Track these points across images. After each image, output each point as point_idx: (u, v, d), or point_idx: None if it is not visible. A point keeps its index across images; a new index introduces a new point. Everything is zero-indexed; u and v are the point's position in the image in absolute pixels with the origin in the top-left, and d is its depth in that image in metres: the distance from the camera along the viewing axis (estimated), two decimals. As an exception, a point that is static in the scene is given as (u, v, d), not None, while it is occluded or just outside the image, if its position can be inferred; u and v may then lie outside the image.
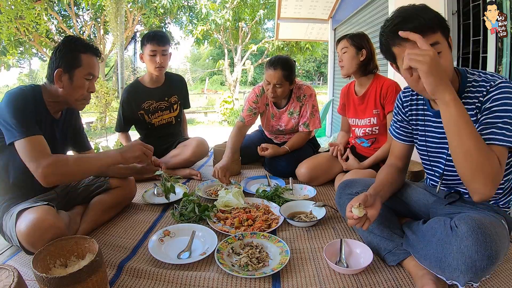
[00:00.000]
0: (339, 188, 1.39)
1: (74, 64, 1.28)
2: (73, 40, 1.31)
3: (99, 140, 5.52)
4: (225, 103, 10.70)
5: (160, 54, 2.08)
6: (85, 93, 1.34)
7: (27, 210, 1.13)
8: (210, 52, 23.58)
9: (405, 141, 1.30)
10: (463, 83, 1.04)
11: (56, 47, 1.30)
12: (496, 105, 0.95)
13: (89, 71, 1.31)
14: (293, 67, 2.03)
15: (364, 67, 1.82)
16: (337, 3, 5.49)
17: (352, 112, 1.96)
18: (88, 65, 1.31)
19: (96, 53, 1.35)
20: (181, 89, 2.36)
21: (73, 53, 1.28)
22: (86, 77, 1.31)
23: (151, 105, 2.21)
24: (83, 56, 1.29)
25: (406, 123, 1.27)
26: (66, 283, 0.86)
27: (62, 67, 1.27)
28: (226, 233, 1.36)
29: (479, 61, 2.11)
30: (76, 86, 1.30)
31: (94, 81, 1.36)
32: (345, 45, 1.81)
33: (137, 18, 10.91)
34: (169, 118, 2.29)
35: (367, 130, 1.89)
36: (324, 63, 23.84)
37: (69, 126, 1.47)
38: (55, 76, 1.26)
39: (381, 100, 1.80)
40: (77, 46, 1.29)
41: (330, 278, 1.09)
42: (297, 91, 2.16)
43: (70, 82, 1.29)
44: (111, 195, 1.53)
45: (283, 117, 2.23)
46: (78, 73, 1.29)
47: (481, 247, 0.84)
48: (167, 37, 2.15)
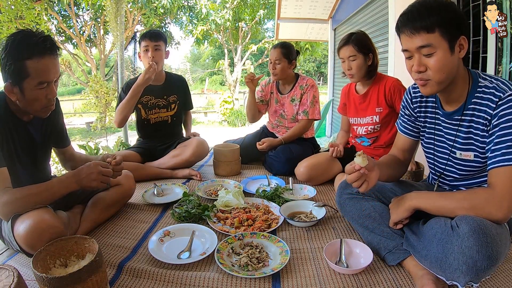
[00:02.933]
0: (339, 188, 1.39)
1: (21, 75, 1.10)
2: (14, 44, 1.09)
3: (99, 140, 5.52)
4: (225, 103, 10.70)
5: (152, 49, 2.13)
6: (44, 101, 1.18)
7: (25, 213, 1.11)
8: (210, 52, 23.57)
9: (410, 135, 1.31)
10: (474, 87, 1.04)
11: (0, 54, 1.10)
12: (505, 120, 0.95)
13: (40, 79, 1.12)
14: (292, 48, 2.31)
15: (370, 70, 1.83)
16: (337, 3, 5.49)
17: (353, 111, 1.97)
18: (37, 72, 1.10)
19: (45, 53, 1.12)
20: (181, 90, 2.38)
21: (17, 63, 1.08)
22: (39, 87, 1.13)
23: (150, 101, 2.25)
24: (28, 63, 1.09)
25: (414, 118, 1.28)
26: (66, 283, 0.86)
27: (9, 80, 1.11)
28: (226, 233, 1.36)
29: (479, 61, 2.11)
30: (30, 99, 1.14)
31: (52, 85, 1.17)
32: (353, 53, 1.78)
33: (137, 18, 10.90)
34: (166, 116, 2.31)
35: (369, 128, 1.90)
36: (324, 63, 23.83)
37: (47, 124, 1.37)
38: (5, 91, 1.13)
39: (387, 99, 1.81)
40: (19, 52, 1.08)
41: (330, 278, 1.09)
42: (301, 81, 2.34)
43: (22, 95, 1.13)
44: (110, 193, 1.52)
45: (286, 104, 2.38)
46: (27, 85, 1.11)
47: (482, 247, 0.84)
48: (160, 34, 2.19)
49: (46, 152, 1.42)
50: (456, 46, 0.97)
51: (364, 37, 1.81)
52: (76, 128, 10.24)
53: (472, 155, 1.08)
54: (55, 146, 1.50)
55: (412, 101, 1.26)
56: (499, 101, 0.96)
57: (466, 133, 1.07)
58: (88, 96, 6.18)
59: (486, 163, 1.04)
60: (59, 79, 1.22)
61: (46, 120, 1.36)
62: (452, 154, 1.14)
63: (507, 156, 0.93)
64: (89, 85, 6.21)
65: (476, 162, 1.08)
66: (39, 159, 1.37)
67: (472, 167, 1.10)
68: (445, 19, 0.94)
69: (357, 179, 1.07)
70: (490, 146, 0.99)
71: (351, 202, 1.30)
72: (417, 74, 1.03)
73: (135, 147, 2.28)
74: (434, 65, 0.97)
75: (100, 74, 10.66)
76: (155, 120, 2.28)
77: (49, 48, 1.13)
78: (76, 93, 19.14)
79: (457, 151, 1.11)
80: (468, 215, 0.92)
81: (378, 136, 1.91)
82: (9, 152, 1.21)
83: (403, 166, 1.34)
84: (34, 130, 1.32)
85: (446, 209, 0.99)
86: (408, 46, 1.01)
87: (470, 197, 0.97)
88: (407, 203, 1.08)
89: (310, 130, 2.42)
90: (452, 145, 1.12)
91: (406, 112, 1.30)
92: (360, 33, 1.83)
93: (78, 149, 4.39)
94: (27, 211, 1.11)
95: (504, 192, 0.92)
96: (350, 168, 1.07)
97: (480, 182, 1.13)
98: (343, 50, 1.82)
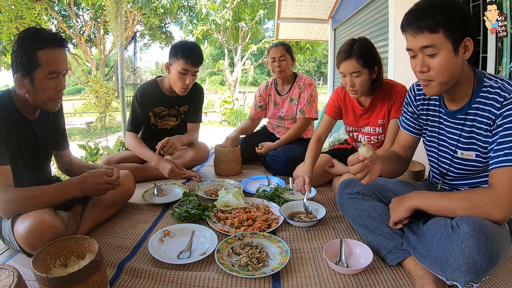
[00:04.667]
0: (339, 187, 1.39)
1: (32, 66, 1.14)
2: (27, 37, 1.14)
3: (99, 140, 5.52)
4: (225, 103, 10.70)
5: (191, 74, 1.93)
6: (53, 93, 1.20)
7: (24, 213, 1.12)
8: (210, 52, 23.55)
9: (412, 132, 1.31)
10: (479, 87, 1.04)
11: (12, 48, 1.16)
12: (509, 121, 0.95)
13: (50, 69, 1.16)
14: (290, 46, 2.38)
15: (375, 86, 1.65)
16: (337, 3, 5.49)
17: (352, 120, 1.83)
18: (48, 62, 1.15)
19: (56, 44, 1.17)
20: (195, 100, 2.24)
21: (29, 53, 1.13)
22: (49, 77, 1.17)
23: (162, 111, 2.15)
24: (40, 53, 1.13)
25: (417, 116, 1.28)
26: (66, 283, 0.86)
27: (20, 71, 1.15)
28: (226, 233, 1.36)
29: (479, 61, 2.11)
30: (40, 89, 1.17)
31: (61, 77, 1.21)
32: (356, 68, 1.52)
33: (137, 18, 10.90)
34: (174, 124, 2.27)
35: (372, 138, 1.80)
36: (324, 63, 23.82)
37: (50, 124, 1.39)
38: (15, 83, 1.17)
39: (390, 109, 1.68)
40: (31, 44, 1.13)
41: (330, 278, 1.09)
42: (299, 81, 2.36)
43: (32, 86, 1.16)
44: (110, 193, 1.52)
45: (285, 104, 2.40)
46: (38, 75, 1.15)
47: (483, 247, 0.84)
48: (203, 57, 1.98)
49: (48, 152, 1.43)
50: (461, 47, 0.95)
51: (369, 48, 1.56)
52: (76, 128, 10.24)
53: (473, 154, 1.07)
54: (54, 148, 1.50)
55: (415, 98, 1.25)
56: (504, 101, 0.96)
57: (468, 133, 1.07)
58: (88, 96, 6.18)
59: (487, 163, 1.04)
60: (67, 73, 1.25)
61: (50, 120, 1.37)
62: (454, 154, 1.13)
63: (510, 156, 0.93)
64: (89, 85, 6.21)
65: (477, 162, 1.08)
66: (41, 159, 1.37)
67: (473, 167, 1.10)
68: (449, 20, 0.92)
69: (361, 170, 1.06)
70: (492, 146, 0.98)
71: (351, 202, 1.30)
72: (420, 74, 1.02)
73: None
74: (437, 66, 0.97)
75: (100, 74, 10.66)
76: (163, 126, 2.23)
77: (59, 40, 1.19)
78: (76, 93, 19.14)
79: (459, 151, 1.11)
80: (469, 215, 0.92)
81: (381, 144, 1.78)
82: (13, 151, 1.22)
83: (404, 162, 1.33)
84: (38, 129, 1.32)
85: (446, 209, 0.99)
86: (412, 46, 1.00)
87: (471, 197, 0.97)
88: (407, 203, 1.07)
89: (309, 130, 2.42)
90: (455, 145, 1.12)
91: (409, 109, 1.30)
92: (364, 42, 1.56)
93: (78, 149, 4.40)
94: (27, 211, 1.11)
95: (505, 192, 0.92)
96: (354, 159, 1.06)
97: (480, 183, 1.13)
98: (344, 64, 1.54)
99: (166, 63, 2.01)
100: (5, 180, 1.12)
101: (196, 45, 2.02)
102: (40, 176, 1.36)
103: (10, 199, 1.10)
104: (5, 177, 1.12)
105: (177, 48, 1.93)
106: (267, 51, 2.39)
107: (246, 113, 10.51)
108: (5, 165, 1.13)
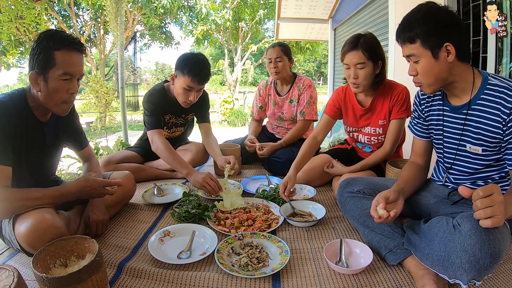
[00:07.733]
0: (340, 186, 1.40)
1: (48, 64, 1.14)
2: (46, 37, 1.16)
3: (99, 140, 5.52)
4: (225, 103, 10.69)
5: (196, 91, 1.86)
6: (65, 95, 1.20)
7: (25, 212, 1.11)
8: (210, 52, 23.54)
9: (423, 137, 1.34)
10: (483, 83, 1.07)
11: (31, 46, 1.18)
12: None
13: (65, 70, 1.16)
14: (289, 47, 2.34)
15: (378, 81, 1.64)
16: (337, 3, 5.49)
17: (352, 120, 1.82)
18: (64, 63, 1.15)
19: (73, 47, 1.18)
20: (201, 105, 2.14)
21: (46, 52, 1.14)
22: (62, 78, 1.17)
23: (170, 120, 2.11)
24: (57, 53, 1.14)
25: (423, 119, 1.31)
26: (66, 283, 0.86)
27: (36, 69, 1.15)
28: (226, 233, 1.36)
29: (479, 61, 2.11)
30: (52, 89, 1.17)
31: (74, 80, 1.21)
32: (362, 60, 1.53)
33: (137, 18, 10.89)
34: (179, 133, 2.26)
35: (373, 139, 1.80)
36: (324, 63, 23.83)
37: (61, 127, 1.38)
38: (30, 80, 1.17)
39: (391, 110, 1.68)
40: (50, 43, 1.14)
41: (330, 278, 1.09)
42: (298, 82, 2.35)
43: (45, 85, 1.17)
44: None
45: (285, 105, 2.39)
46: (52, 74, 1.15)
47: (485, 245, 0.85)
48: (210, 74, 1.89)
49: (54, 154, 1.42)
50: (441, 52, 1.03)
51: (374, 42, 1.58)
52: (76, 128, 10.21)
53: (480, 149, 1.10)
54: (69, 148, 1.52)
55: (420, 103, 1.30)
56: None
57: (476, 128, 1.10)
58: (88, 96, 6.17)
59: (492, 159, 1.09)
60: (81, 78, 1.25)
61: (60, 123, 1.37)
62: (460, 148, 1.16)
63: None
64: (89, 85, 6.20)
65: (484, 156, 1.11)
66: (45, 160, 1.37)
67: (479, 160, 1.13)
68: (425, 30, 1.02)
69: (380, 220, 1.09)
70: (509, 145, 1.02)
71: (352, 201, 1.31)
72: (413, 78, 1.14)
73: (135, 147, 2.27)
74: (420, 71, 1.09)
75: (100, 74, 10.66)
76: (168, 135, 2.20)
77: (77, 44, 1.21)
78: (76, 93, 19.12)
79: (467, 144, 1.14)
80: (470, 214, 0.93)
81: (382, 144, 1.77)
82: (19, 152, 1.21)
83: (425, 170, 1.36)
84: (48, 131, 1.32)
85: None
86: (403, 54, 1.13)
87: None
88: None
89: (310, 131, 2.42)
90: (460, 138, 1.15)
91: (416, 115, 1.34)
92: (370, 36, 1.58)
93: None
94: (28, 211, 1.11)
95: None
96: (374, 214, 1.09)
97: (485, 177, 1.14)
98: (349, 55, 1.55)
99: (171, 74, 1.92)
100: (1, 181, 1.11)
101: (205, 61, 1.86)
102: (42, 177, 1.36)
103: (4, 198, 1.10)
104: (3, 177, 1.12)
105: (185, 62, 1.82)
106: (265, 52, 2.41)
107: (246, 113, 10.50)
108: (6, 165, 1.13)
